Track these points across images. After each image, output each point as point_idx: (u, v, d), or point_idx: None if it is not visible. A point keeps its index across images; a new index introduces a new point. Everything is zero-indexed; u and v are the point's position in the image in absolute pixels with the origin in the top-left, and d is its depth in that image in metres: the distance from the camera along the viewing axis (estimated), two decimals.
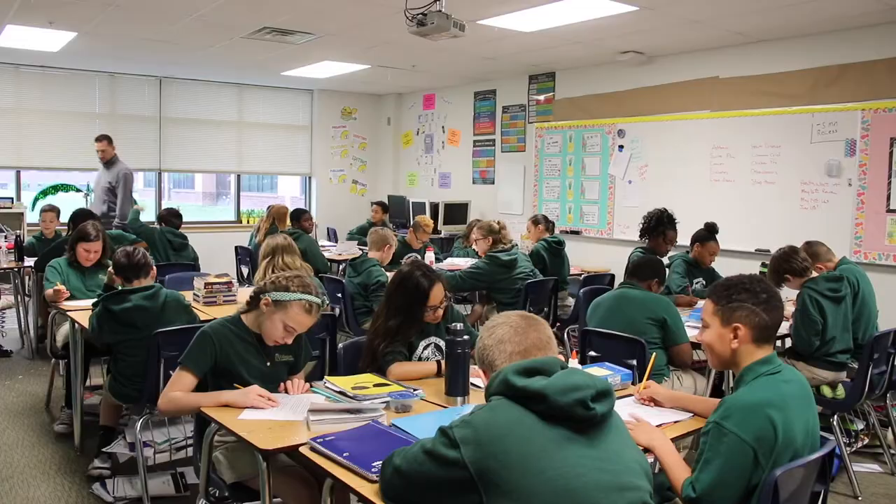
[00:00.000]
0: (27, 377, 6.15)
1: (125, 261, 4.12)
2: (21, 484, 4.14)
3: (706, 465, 2.20)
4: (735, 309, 2.41)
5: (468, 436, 1.79)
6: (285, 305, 2.94)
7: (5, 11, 6.71)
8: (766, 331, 2.39)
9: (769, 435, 2.16)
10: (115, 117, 10.51)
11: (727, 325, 2.41)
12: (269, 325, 2.97)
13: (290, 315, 2.94)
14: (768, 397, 2.22)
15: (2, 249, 7.18)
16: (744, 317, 2.38)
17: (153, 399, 3.93)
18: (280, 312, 2.95)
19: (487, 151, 10.51)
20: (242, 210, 11.94)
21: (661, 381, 3.99)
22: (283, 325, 2.95)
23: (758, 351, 2.38)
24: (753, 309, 2.38)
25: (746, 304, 2.40)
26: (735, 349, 2.40)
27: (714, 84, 7.53)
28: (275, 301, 2.95)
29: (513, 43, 7.64)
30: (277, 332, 2.96)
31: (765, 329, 2.39)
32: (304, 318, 2.97)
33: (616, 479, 1.83)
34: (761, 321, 2.38)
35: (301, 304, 2.95)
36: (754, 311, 2.38)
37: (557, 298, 6.46)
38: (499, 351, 2.07)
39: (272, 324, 2.96)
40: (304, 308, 2.95)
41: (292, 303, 2.94)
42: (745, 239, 7.18)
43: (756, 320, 2.38)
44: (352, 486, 2.12)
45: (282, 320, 2.94)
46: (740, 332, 2.38)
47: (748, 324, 2.38)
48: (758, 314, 2.38)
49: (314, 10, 6.46)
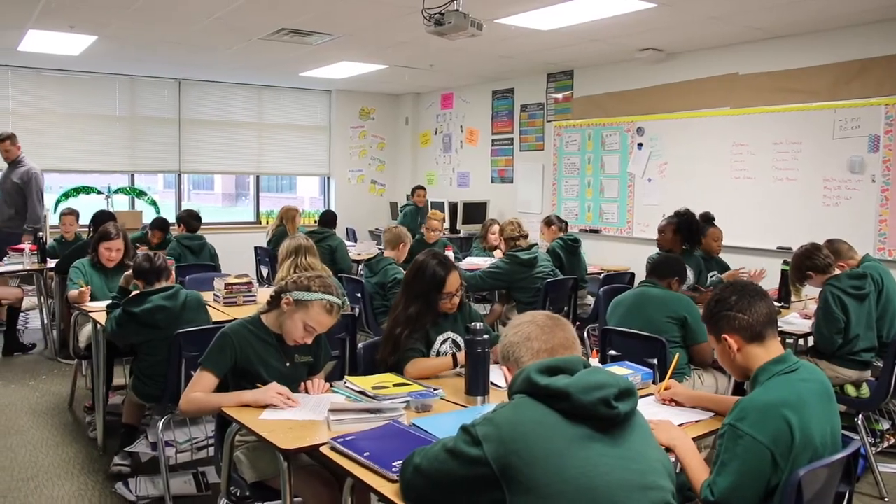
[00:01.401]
0: (50, 377, 6.20)
1: (147, 265, 4.16)
2: (46, 483, 4.17)
3: (723, 468, 2.18)
4: (716, 322, 2.45)
5: (491, 433, 1.79)
6: (306, 305, 2.95)
7: (27, 16, 6.78)
8: (753, 329, 2.38)
9: (785, 435, 2.14)
10: (135, 120, 10.59)
11: (718, 339, 2.45)
12: (289, 325, 2.98)
13: (310, 315, 2.95)
14: (783, 397, 2.20)
15: (25, 251, 7.26)
16: (725, 325, 2.42)
17: (175, 399, 3.96)
18: (301, 312, 2.95)
19: (506, 150, 10.50)
20: (262, 211, 12.00)
21: (682, 381, 3.96)
22: (304, 325, 2.95)
23: (763, 350, 2.37)
24: (728, 314, 2.41)
25: (721, 312, 2.43)
26: (737, 357, 2.40)
27: (734, 81, 7.48)
28: (296, 300, 2.96)
29: (530, 41, 7.62)
30: (298, 331, 2.96)
31: (750, 327, 2.38)
32: (324, 319, 2.97)
33: (639, 478, 1.82)
34: (742, 321, 2.38)
35: (322, 304, 2.95)
36: (729, 315, 2.40)
37: (577, 297, 6.43)
38: (526, 348, 2.06)
39: (293, 323, 2.96)
40: (325, 308, 2.96)
41: (313, 303, 2.94)
42: (766, 236, 7.13)
43: (736, 323, 2.39)
44: (372, 486, 2.12)
45: (302, 320, 2.95)
46: (730, 340, 2.39)
47: (731, 329, 2.40)
48: (734, 317, 2.39)
49: (332, 10, 6.48)
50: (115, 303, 4.21)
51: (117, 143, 10.51)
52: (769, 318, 2.41)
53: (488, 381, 2.97)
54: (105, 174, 10.71)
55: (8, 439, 4.82)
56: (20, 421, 5.17)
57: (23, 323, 7.38)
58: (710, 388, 4.19)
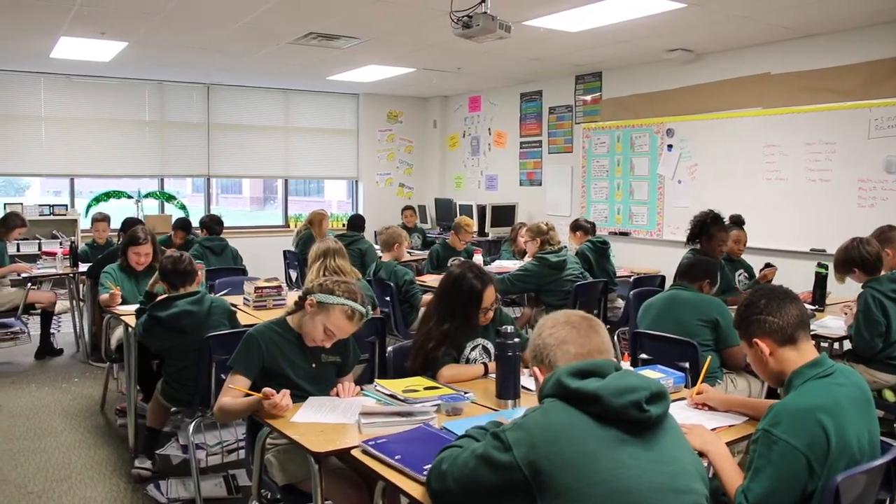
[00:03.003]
0: (82, 380, 6.27)
1: (171, 267, 4.18)
2: (79, 484, 4.21)
3: (757, 474, 2.14)
4: (747, 326, 2.41)
5: (521, 438, 1.79)
6: (328, 308, 2.96)
7: (60, 24, 6.86)
8: (784, 331, 2.34)
9: (821, 441, 2.10)
10: (164, 124, 10.69)
11: (750, 344, 2.41)
12: (309, 326, 2.99)
13: (331, 318, 2.96)
14: (819, 402, 2.16)
15: (58, 256, 7.35)
16: (755, 329, 2.38)
17: (205, 402, 3.98)
18: (322, 314, 2.96)
19: (534, 153, 10.46)
20: (290, 214, 12.05)
21: (714, 384, 3.91)
22: (324, 328, 2.96)
23: (797, 354, 2.33)
24: (758, 318, 2.37)
25: (751, 316, 2.39)
26: (770, 362, 2.36)
27: (765, 80, 7.39)
28: (318, 302, 2.97)
29: (558, 43, 7.58)
30: (317, 333, 2.97)
31: (781, 330, 2.34)
32: (344, 324, 2.97)
33: (671, 481, 1.81)
34: (772, 325, 2.34)
35: (344, 309, 2.95)
36: (759, 319, 2.37)
37: (607, 300, 6.39)
38: (561, 352, 2.04)
39: (313, 325, 2.98)
40: (345, 314, 2.96)
41: (335, 307, 2.95)
42: (799, 238, 7.03)
43: (767, 326, 2.35)
44: (403, 489, 2.12)
45: (322, 322, 2.96)
46: (761, 344, 2.35)
47: (762, 333, 2.36)
48: (765, 320, 2.35)
49: (359, 14, 6.49)
50: (142, 307, 4.24)
51: (147, 147, 10.61)
52: (800, 321, 2.36)
53: (519, 384, 2.94)
54: (135, 179, 10.81)
55: (42, 441, 4.87)
56: (54, 423, 5.23)
57: (55, 326, 7.46)
58: (743, 391, 4.14)
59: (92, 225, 7.77)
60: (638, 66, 8.73)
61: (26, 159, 9.84)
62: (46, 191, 13.70)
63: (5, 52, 8.43)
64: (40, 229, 9.66)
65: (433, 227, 11.55)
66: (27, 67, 9.49)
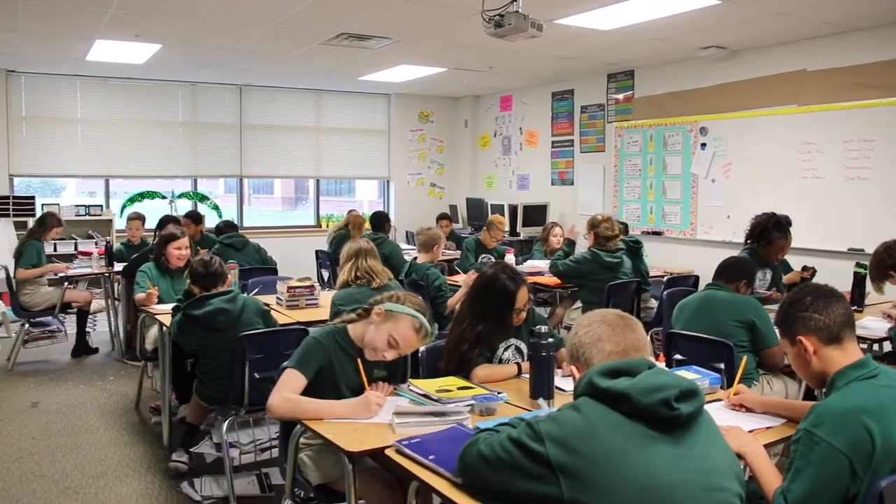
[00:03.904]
0: (117, 378, 6.34)
1: (202, 270, 4.23)
2: (115, 481, 4.26)
3: (797, 475, 2.10)
4: (790, 324, 2.35)
5: (553, 431, 1.81)
6: (396, 318, 2.91)
7: (95, 27, 6.95)
8: (830, 330, 2.28)
9: (865, 443, 2.04)
10: (197, 125, 10.79)
11: (793, 342, 2.35)
12: (374, 335, 2.92)
13: (398, 328, 2.90)
14: (863, 403, 2.11)
15: (93, 255, 7.44)
16: (800, 327, 2.32)
17: (238, 401, 4.01)
18: (390, 323, 2.91)
19: (566, 152, 10.41)
20: (322, 214, 12.10)
21: (750, 386, 3.86)
22: (389, 338, 2.90)
23: (841, 354, 2.27)
24: (803, 315, 2.31)
25: (796, 314, 2.33)
26: (813, 361, 2.30)
27: (801, 77, 7.28)
28: (387, 311, 2.93)
29: (590, 41, 7.54)
30: (381, 342, 2.91)
31: (827, 328, 2.28)
32: (410, 336, 2.93)
33: (703, 479, 1.80)
34: (818, 323, 2.29)
35: (413, 321, 2.91)
36: (805, 316, 2.31)
37: (640, 300, 6.33)
38: (597, 350, 2.04)
39: (378, 333, 2.92)
40: (413, 326, 2.92)
41: (404, 317, 2.91)
42: (836, 238, 6.92)
43: (812, 324, 2.29)
44: (437, 489, 2.11)
45: (389, 331, 2.90)
46: (805, 342, 2.30)
47: (807, 331, 2.30)
48: (811, 318, 2.30)
49: (391, 14, 6.49)
50: (178, 306, 4.28)
51: (180, 148, 10.72)
52: (847, 320, 2.31)
53: (553, 384, 2.92)
54: (168, 179, 10.92)
55: (79, 438, 4.93)
56: (90, 420, 5.30)
57: (90, 325, 7.55)
58: (780, 393, 4.08)
59: (127, 224, 7.87)
60: (671, 63, 8.66)
61: (63, 161, 9.98)
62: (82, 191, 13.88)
63: (43, 55, 8.56)
64: (76, 229, 9.80)
65: (464, 226, 11.54)
66: (64, 70, 9.62)
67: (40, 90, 9.77)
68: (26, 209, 9.27)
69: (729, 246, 7.58)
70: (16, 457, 4.59)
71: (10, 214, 9.09)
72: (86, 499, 4.03)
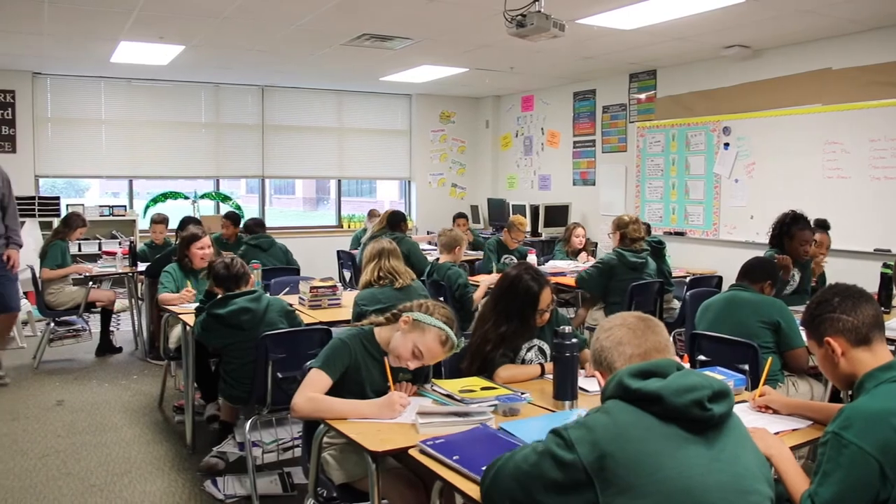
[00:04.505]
0: (141, 377, 6.39)
1: (225, 272, 4.25)
2: (139, 479, 4.29)
3: (826, 478, 2.06)
4: (818, 325, 2.32)
5: (584, 437, 1.77)
6: (423, 329, 2.90)
7: (120, 29, 7.01)
8: (858, 331, 2.25)
9: (895, 446, 2.01)
10: (220, 126, 10.85)
11: (820, 344, 2.32)
12: (400, 343, 2.91)
13: (424, 339, 2.89)
14: (893, 406, 2.07)
15: (117, 255, 7.50)
16: (828, 328, 2.28)
17: (261, 400, 4.03)
18: (416, 333, 2.90)
19: (588, 152, 10.37)
20: (343, 215, 12.14)
21: (775, 387, 3.82)
22: (414, 348, 2.88)
23: (870, 355, 2.24)
24: (831, 316, 2.28)
25: (824, 314, 2.30)
26: (841, 363, 2.27)
27: (826, 76, 7.21)
28: (415, 320, 2.91)
29: (612, 41, 7.51)
30: (406, 352, 2.90)
31: (856, 329, 2.25)
32: (435, 348, 2.90)
33: (735, 481, 1.78)
34: (846, 324, 2.25)
35: (439, 333, 2.89)
36: (833, 317, 2.27)
37: (663, 301, 6.30)
38: (618, 353, 2.02)
39: (404, 342, 2.90)
40: (439, 338, 2.89)
41: (431, 328, 2.89)
42: (862, 238, 6.85)
43: (840, 325, 2.26)
44: (462, 489, 2.11)
45: (414, 342, 2.89)
46: (833, 343, 2.27)
47: (835, 332, 2.27)
48: (839, 319, 2.26)
49: (413, 14, 6.50)
50: (201, 306, 4.30)
51: (203, 149, 10.79)
52: (876, 321, 2.28)
53: (576, 385, 2.91)
54: (191, 180, 11.00)
55: (103, 436, 4.97)
56: (114, 418, 5.34)
57: (114, 325, 7.62)
58: (805, 395, 4.05)
59: (150, 226, 7.93)
60: (694, 63, 8.60)
61: (87, 161, 10.07)
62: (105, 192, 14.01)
63: (69, 57, 8.66)
64: (100, 229, 9.89)
65: (486, 227, 11.53)
66: (89, 72, 9.71)
67: (65, 92, 9.87)
68: (51, 209, 9.36)
69: (752, 246, 7.52)
70: (42, 454, 4.64)
71: (36, 215, 9.18)
72: (110, 496, 4.06)
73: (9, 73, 9.40)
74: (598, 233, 9.80)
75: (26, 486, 4.16)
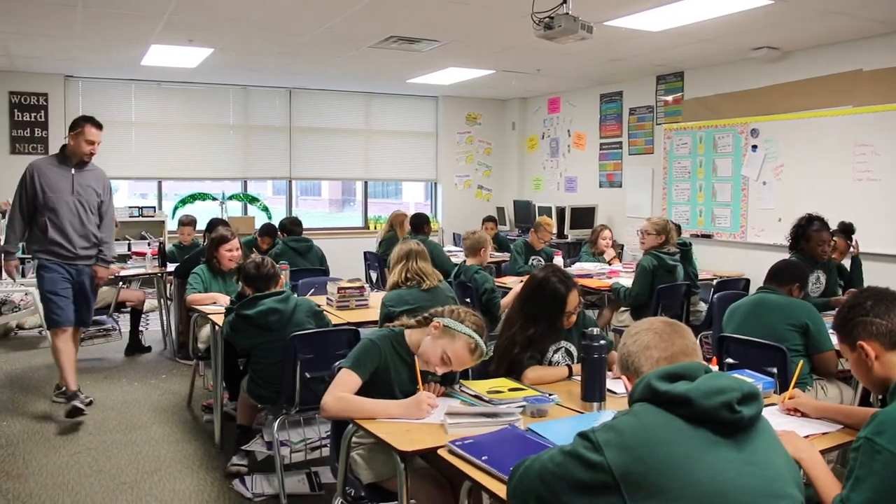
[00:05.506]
0: (170, 377, 6.45)
1: (255, 272, 4.28)
2: (168, 477, 4.34)
3: (858, 484, 2.04)
4: (850, 329, 2.31)
5: (612, 439, 1.76)
6: (453, 336, 2.91)
7: (150, 32, 7.10)
8: (892, 335, 2.24)
9: None
10: (248, 128, 10.95)
11: (853, 348, 2.31)
12: (430, 348, 2.93)
13: (454, 346, 2.90)
14: None
15: (146, 256, 7.58)
16: (861, 332, 2.28)
17: (290, 400, 4.06)
18: (446, 339, 2.91)
19: (614, 154, 10.34)
20: (369, 216, 12.18)
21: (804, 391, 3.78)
22: (443, 354, 2.90)
23: None
24: (864, 320, 2.27)
25: (857, 318, 2.29)
26: (875, 367, 2.26)
27: (856, 77, 7.14)
28: (445, 327, 2.93)
29: (640, 43, 7.49)
30: (434, 357, 2.91)
31: (890, 333, 2.24)
32: (464, 355, 2.92)
33: (767, 484, 1.76)
34: (880, 328, 2.25)
35: (469, 341, 2.91)
36: (866, 321, 2.27)
37: (689, 303, 6.26)
38: (645, 357, 2.01)
39: (433, 348, 2.92)
40: (469, 346, 2.91)
41: (461, 336, 2.90)
42: (893, 241, 6.77)
43: (874, 329, 2.25)
44: (491, 490, 2.12)
45: (443, 348, 2.90)
46: (867, 347, 2.26)
47: (868, 336, 2.26)
48: (872, 322, 2.26)
49: (440, 17, 6.53)
50: (231, 307, 4.34)
51: (231, 151, 10.90)
52: None
53: (604, 387, 2.92)
54: (219, 181, 11.10)
55: (133, 434, 5.03)
56: (143, 417, 5.40)
57: (143, 324, 7.70)
58: (835, 399, 4.01)
59: (178, 228, 8.00)
60: (721, 65, 8.55)
61: (117, 163, 10.11)
62: (134, 193, 14.17)
63: (101, 60, 8.79)
64: (130, 230, 10.01)
65: (512, 229, 11.52)
66: (120, 75, 9.84)
67: (97, 94, 10.02)
68: None
69: (780, 249, 7.42)
70: (74, 451, 4.70)
71: None
72: (140, 493, 4.11)
73: (42, 76, 9.56)
74: (625, 234, 9.77)
75: (59, 483, 4.22)
